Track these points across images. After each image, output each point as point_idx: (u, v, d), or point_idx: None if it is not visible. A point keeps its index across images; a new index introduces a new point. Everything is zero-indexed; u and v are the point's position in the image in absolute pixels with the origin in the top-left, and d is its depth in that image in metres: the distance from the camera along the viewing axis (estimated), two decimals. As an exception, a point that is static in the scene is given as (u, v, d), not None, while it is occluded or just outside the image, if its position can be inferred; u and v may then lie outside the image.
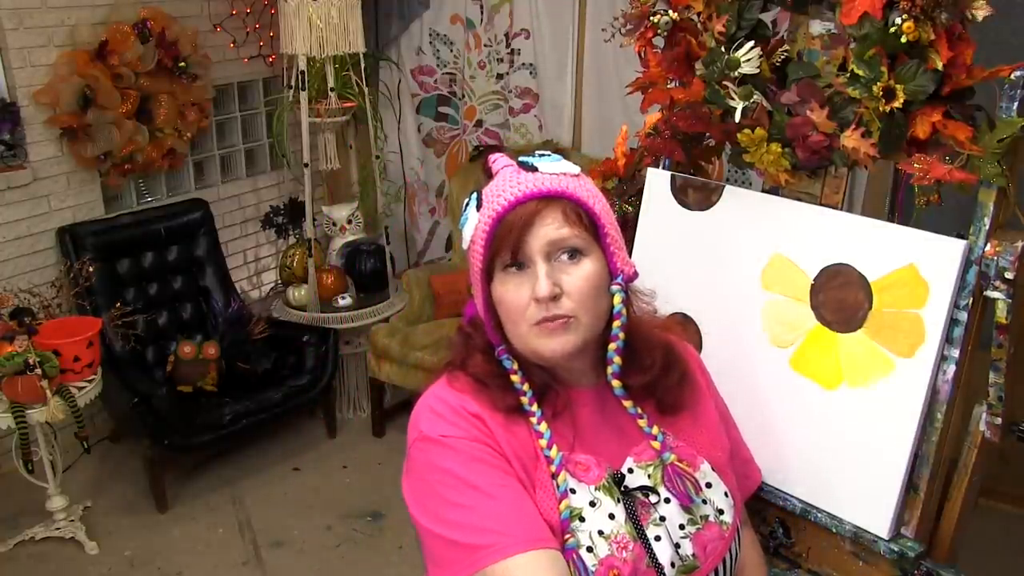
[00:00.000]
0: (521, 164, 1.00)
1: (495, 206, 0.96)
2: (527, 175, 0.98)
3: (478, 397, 0.99)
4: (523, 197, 0.96)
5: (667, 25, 1.38)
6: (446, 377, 1.03)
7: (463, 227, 1.01)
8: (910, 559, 1.20)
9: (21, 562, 2.77)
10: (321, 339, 3.38)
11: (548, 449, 0.97)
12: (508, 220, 0.95)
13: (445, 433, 0.96)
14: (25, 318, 2.51)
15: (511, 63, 3.78)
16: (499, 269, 0.97)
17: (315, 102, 3.48)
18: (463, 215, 1.01)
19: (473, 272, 1.00)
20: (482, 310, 1.01)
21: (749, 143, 1.31)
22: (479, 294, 1.00)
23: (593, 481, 0.98)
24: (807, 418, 1.30)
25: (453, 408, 0.98)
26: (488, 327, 1.01)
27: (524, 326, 0.96)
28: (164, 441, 2.97)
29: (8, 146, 3.02)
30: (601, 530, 0.95)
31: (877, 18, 1.14)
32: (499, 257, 0.97)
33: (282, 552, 2.86)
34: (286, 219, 3.99)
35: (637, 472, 1.01)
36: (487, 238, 0.96)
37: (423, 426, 0.98)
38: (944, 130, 1.14)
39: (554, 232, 0.95)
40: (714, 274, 1.43)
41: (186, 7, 3.51)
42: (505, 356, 1.00)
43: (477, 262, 0.99)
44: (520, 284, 0.96)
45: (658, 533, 0.98)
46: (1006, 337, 1.14)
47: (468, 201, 1.01)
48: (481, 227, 0.97)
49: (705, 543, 1.00)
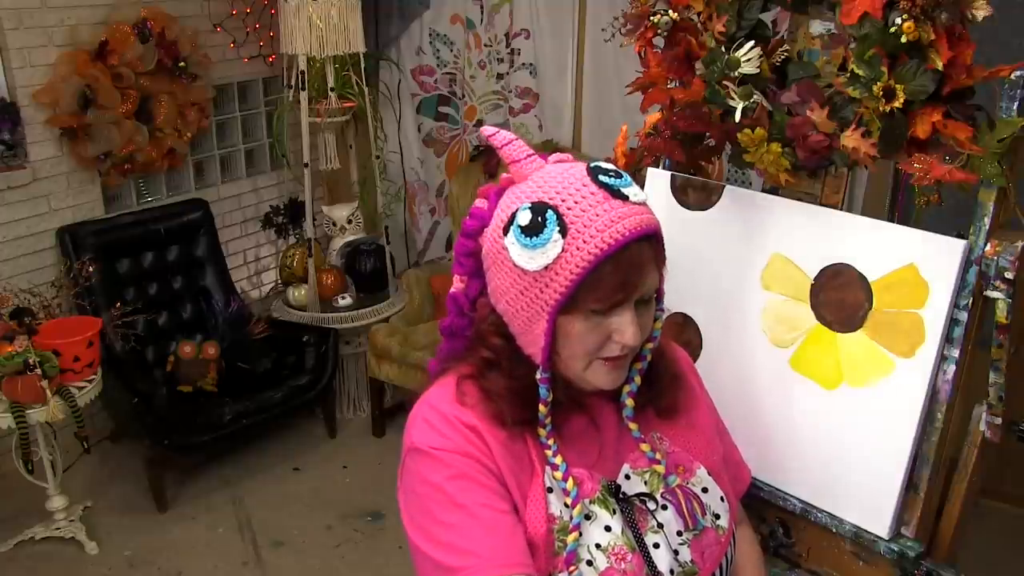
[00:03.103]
0: (607, 187, 0.89)
1: (599, 242, 0.86)
2: (617, 203, 0.88)
3: (484, 409, 0.95)
4: (631, 236, 0.87)
5: (667, 25, 1.38)
6: (454, 385, 0.98)
7: (530, 247, 0.88)
8: (910, 559, 1.20)
9: (21, 562, 2.77)
10: (321, 339, 3.38)
11: (554, 457, 0.95)
12: (614, 263, 0.86)
13: (435, 445, 0.93)
14: (25, 318, 2.51)
15: (511, 63, 3.78)
16: (583, 309, 0.89)
17: (315, 102, 3.48)
18: (533, 237, 0.88)
19: (536, 302, 0.90)
20: (543, 341, 0.91)
21: (749, 143, 1.31)
22: (542, 325, 0.90)
23: (588, 494, 0.96)
24: (807, 418, 1.30)
25: (447, 419, 0.94)
26: (544, 356, 0.93)
27: (587, 359, 0.93)
28: (164, 441, 2.97)
29: (8, 146, 3.01)
30: (598, 543, 0.94)
31: (877, 18, 1.13)
32: (593, 298, 0.88)
33: (282, 552, 2.85)
34: (286, 219, 3.99)
35: (634, 479, 1.00)
36: (583, 275, 0.87)
37: (415, 436, 0.96)
38: (944, 130, 1.14)
39: (653, 280, 0.91)
40: (714, 274, 1.43)
41: (186, 7, 3.51)
42: (545, 387, 0.94)
43: (552, 295, 0.88)
44: (600, 324, 0.90)
45: (656, 540, 0.97)
46: (1006, 337, 1.14)
47: (541, 219, 0.88)
48: (576, 260, 0.86)
49: (703, 548, 1.00)
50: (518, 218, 0.90)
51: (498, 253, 0.93)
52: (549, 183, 0.91)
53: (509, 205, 0.93)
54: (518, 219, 0.90)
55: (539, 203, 0.89)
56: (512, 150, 0.96)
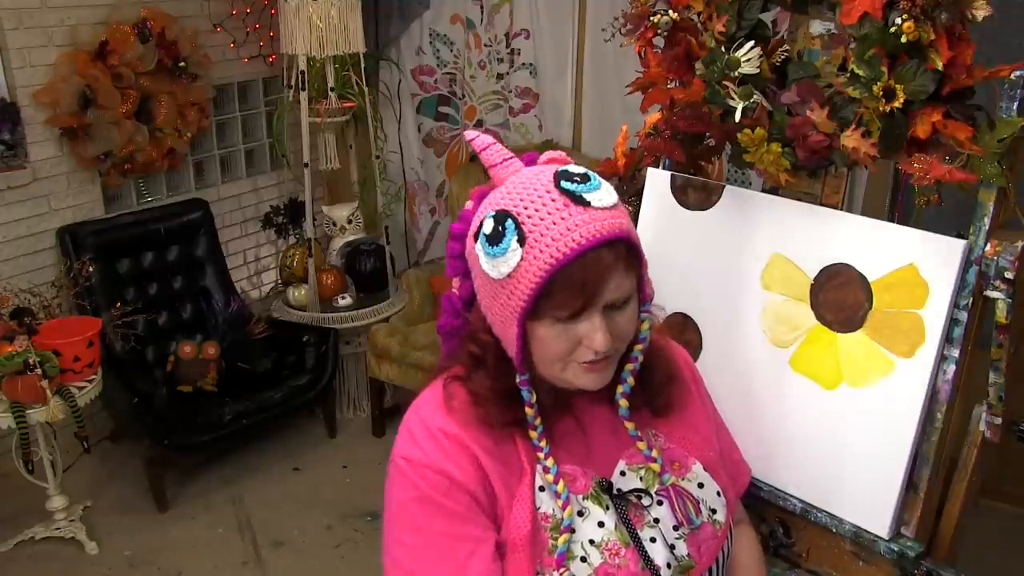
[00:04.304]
0: (569, 194, 0.88)
1: (554, 251, 0.85)
2: (578, 210, 0.87)
3: (470, 413, 0.95)
4: (587, 244, 0.85)
5: (667, 25, 1.38)
6: (441, 391, 0.99)
7: (492, 256, 0.88)
8: (910, 559, 1.20)
9: (21, 562, 2.77)
10: (321, 339, 3.38)
11: (546, 459, 0.96)
12: (571, 271, 0.85)
13: (412, 458, 0.95)
14: (25, 318, 2.51)
15: (511, 63, 3.78)
16: (547, 316, 0.89)
17: (315, 102, 3.48)
18: (494, 246, 0.88)
19: (505, 308, 0.90)
20: (515, 346, 0.92)
21: (749, 143, 1.31)
22: (513, 330, 0.91)
23: (580, 491, 0.97)
24: (807, 418, 1.30)
25: (430, 432, 0.95)
26: (517, 360, 0.93)
27: (562, 363, 0.93)
28: (164, 441, 2.97)
29: (8, 146, 3.02)
30: (592, 539, 0.95)
31: (877, 18, 1.13)
32: (551, 305, 0.88)
33: (282, 552, 2.86)
34: (286, 219, 3.99)
35: (630, 475, 1.01)
36: (540, 284, 0.86)
37: (397, 446, 0.98)
38: (944, 130, 1.14)
39: (617, 289, 0.89)
40: (714, 274, 1.43)
41: (186, 7, 3.51)
42: (526, 388, 0.95)
43: (517, 303, 0.88)
44: (567, 329, 0.90)
45: (652, 535, 0.98)
46: (1006, 337, 1.14)
47: (501, 228, 0.88)
48: (533, 270, 0.86)
49: (699, 543, 1.01)
50: (483, 226, 0.91)
51: (473, 258, 0.94)
52: (515, 190, 0.91)
53: (481, 211, 0.94)
54: (483, 227, 0.91)
55: (501, 211, 0.90)
56: (490, 154, 0.96)
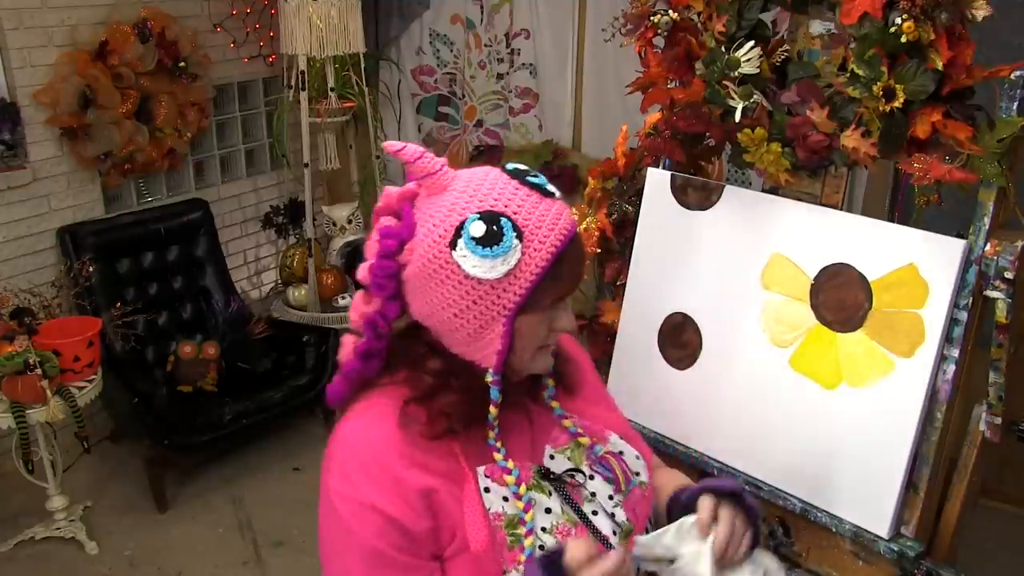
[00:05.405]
0: (537, 188, 0.94)
1: (551, 243, 0.91)
2: (550, 201, 0.94)
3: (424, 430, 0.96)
4: (572, 231, 0.94)
5: (667, 25, 1.38)
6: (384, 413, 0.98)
7: (490, 256, 0.90)
8: (910, 559, 1.20)
9: (21, 562, 2.77)
10: (321, 339, 3.38)
11: (505, 460, 0.98)
12: (564, 258, 0.92)
13: (345, 495, 0.99)
14: (25, 318, 2.51)
15: (511, 63, 3.78)
16: (542, 305, 0.94)
17: (315, 102, 3.48)
18: (493, 247, 0.90)
19: (491, 309, 0.93)
20: (500, 344, 0.94)
21: (749, 143, 1.31)
22: (498, 329, 0.93)
23: (523, 482, 0.99)
24: (807, 418, 1.30)
25: (363, 466, 0.97)
26: (500, 360, 0.95)
27: (534, 352, 0.98)
28: (164, 441, 2.96)
29: (8, 146, 3.01)
30: (544, 527, 0.97)
31: (877, 18, 1.14)
32: (552, 294, 0.94)
33: (282, 552, 2.85)
34: (286, 219, 3.99)
35: (559, 457, 1.03)
36: (541, 276, 0.91)
37: (329, 479, 1.01)
38: (944, 130, 1.14)
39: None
40: (714, 274, 1.43)
41: (186, 7, 3.51)
42: (497, 388, 0.97)
43: (512, 298, 0.92)
44: (547, 317, 0.96)
45: (594, 508, 1.01)
46: (1006, 337, 1.14)
47: (496, 228, 0.90)
48: (533, 264, 0.91)
49: (633, 506, 1.04)
50: (470, 230, 0.90)
51: (440, 268, 0.93)
52: (483, 191, 0.93)
53: (445, 218, 0.93)
54: (470, 231, 0.90)
55: (488, 212, 0.91)
56: (425, 163, 0.97)
